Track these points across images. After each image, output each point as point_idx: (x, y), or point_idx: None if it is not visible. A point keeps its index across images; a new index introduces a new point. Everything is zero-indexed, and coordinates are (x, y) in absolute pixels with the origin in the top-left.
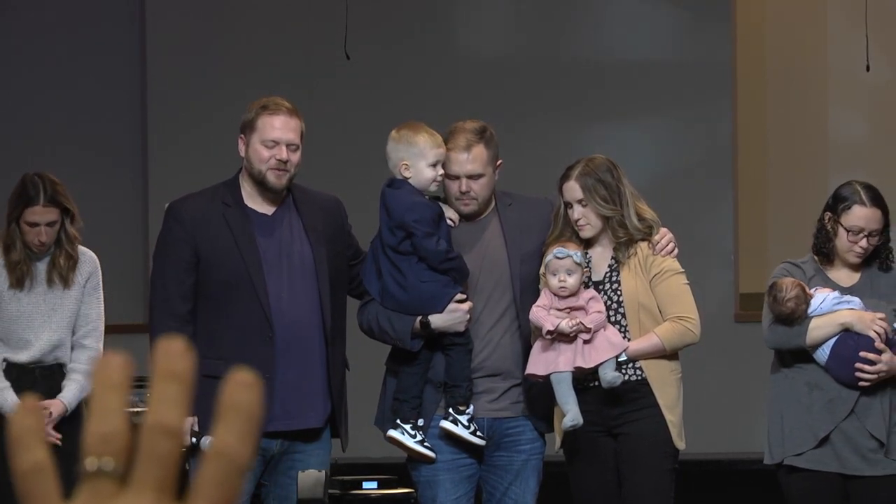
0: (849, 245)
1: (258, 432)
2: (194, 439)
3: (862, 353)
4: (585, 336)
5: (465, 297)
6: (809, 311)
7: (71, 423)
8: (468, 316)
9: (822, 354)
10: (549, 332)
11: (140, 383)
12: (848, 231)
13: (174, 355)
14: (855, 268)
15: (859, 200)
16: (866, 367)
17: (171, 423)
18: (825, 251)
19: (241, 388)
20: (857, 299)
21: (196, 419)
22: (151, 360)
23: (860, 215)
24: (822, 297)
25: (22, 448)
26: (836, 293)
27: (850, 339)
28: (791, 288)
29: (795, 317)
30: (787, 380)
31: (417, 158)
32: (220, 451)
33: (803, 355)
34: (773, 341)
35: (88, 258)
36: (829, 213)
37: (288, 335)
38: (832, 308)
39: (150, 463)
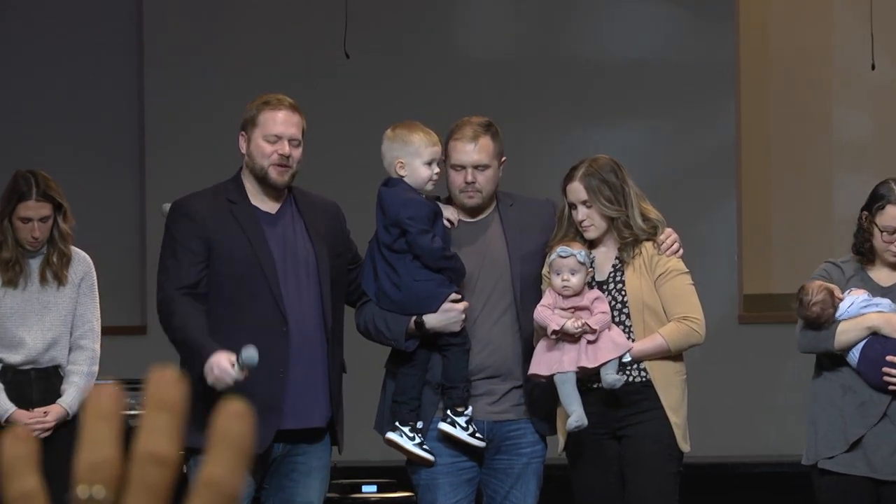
0: (884, 245)
1: (249, 463)
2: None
3: (889, 358)
4: (590, 336)
5: (460, 296)
6: (837, 314)
7: (70, 426)
8: (463, 316)
9: (854, 357)
10: (553, 332)
11: (136, 386)
12: (882, 231)
13: (166, 384)
14: (895, 267)
15: (894, 199)
16: (893, 371)
17: (162, 453)
18: (864, 250)
19: (233, 418)
20: (886, 301)
21: (237, 355)
22: (145, 388)
23: (894, 214)
24: (850, 301)
25: (13, 476)
26: (865, 295)
27: (877, 343)
28: (817, 292)
29: (822, 321)
30: (823, 382)
31: (412, 157)
32: (210, 481)
33: (839, 358)
34: (803, 345)
35: (82, 258)
36: (865, 213)
37: (299, 333)
38: (860, 311)
39: (140, 492)
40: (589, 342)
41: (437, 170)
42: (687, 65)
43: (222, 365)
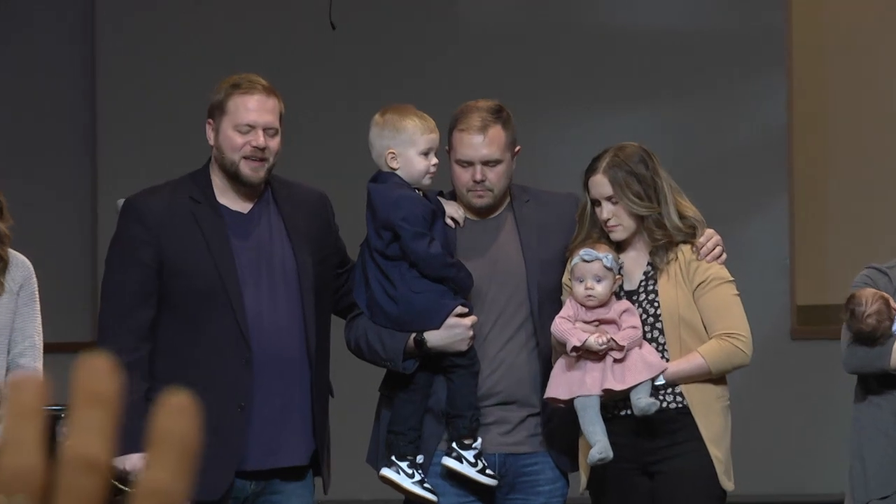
0: None
1: (194, 464)
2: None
3: None
4: (617, 354)
5: (466, 310)
6: (894, 327)
7: None
8: (471, 333)
9: None
10: (574, 349)
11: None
12: None
13: (98, 374)
14: None
15: None
16: None
17: (95, 456)
18: None
19: (174, 414)
20: None
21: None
22: (72, 380)
23: None
24: None
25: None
26: None
27: None
28: (872, 301)
29: (877, 335)
30: (872, 409)
31: (406, 146)
32: (153, 489)
33: (891, 380)
34: (852, 365)
35: (21, 262)
36: None
37: (267, 356)
38: None
39: (70, 501)
40: (616, 361)
41: (434, 161)
42: (728, 34)
43: (129, 468)
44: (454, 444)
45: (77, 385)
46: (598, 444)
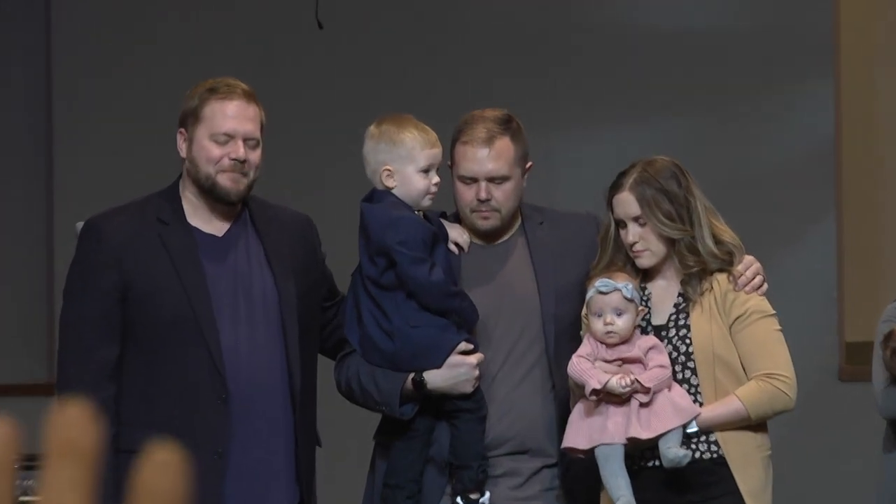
0: None
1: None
2: None
3: None
4: (643, 398)
5: (472, 346)
6: None
7: None
8: (477, 372)
9: None
10: (594, 392)
11: (35, 463)
12: None
13: (74, 424)
14: None
15: None
16: None
17: None
18: None
19: (159, 470)
20: None
21: None
22: (45, 430)
23: None
24: None
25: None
26: None
27: None
28: None
29: None
30: None
31: (404, 162)
32: None
33: None
34: (888, 409)
35: None
36: None
37: (245, 397)
38: None
39: None
40: (642, 405)
41: (436, 179)
42: (767, 33)
43: None
44: (459, 499)
45: (51, 436)
46: (621, 499)
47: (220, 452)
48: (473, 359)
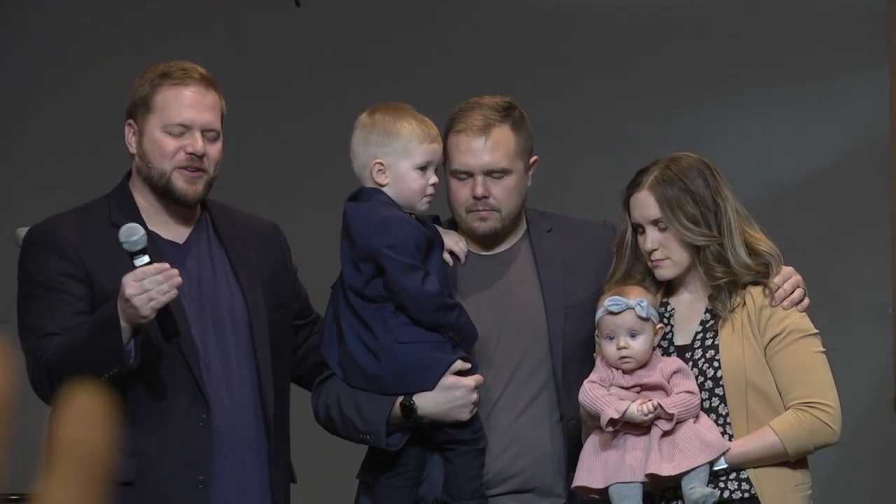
0: None
1: (106, 484)
2: None
3: None
4: (666, 425)
5: (469, 366)
6: None
7: None
8: (475, 396)
9: None
10: (611, 422)
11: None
12: None
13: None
14: None
15: None
16: None
17: None
18: None
19: (78, 422)
20: None
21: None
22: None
23: None
24: None
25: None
26: None
27: None
28: None
29: None
30: None
31: (398, 157)
32: None
33: None
34: None
35: None
36: None
37: (223, 420)
38: None
39: None
40: (664, 435)
41: (434, 179)
42: (810, 14)
43: (127, 281)
44: None
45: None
46: None
47: (202, 481)
48: (471, 380)
